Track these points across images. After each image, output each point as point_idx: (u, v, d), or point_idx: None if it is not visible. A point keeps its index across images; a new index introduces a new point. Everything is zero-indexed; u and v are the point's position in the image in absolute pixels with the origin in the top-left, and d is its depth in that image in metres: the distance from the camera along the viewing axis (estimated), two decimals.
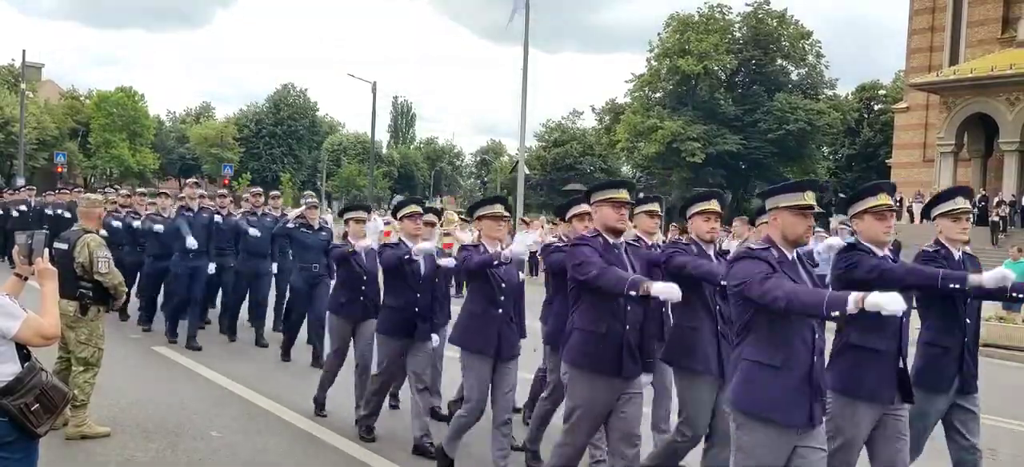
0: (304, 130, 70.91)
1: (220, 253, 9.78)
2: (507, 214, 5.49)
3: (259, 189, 11.01)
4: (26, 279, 3.37)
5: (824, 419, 3.54)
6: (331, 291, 7.25)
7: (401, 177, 67.94)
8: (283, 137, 69.14)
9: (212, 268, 9.60)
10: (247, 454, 5.63)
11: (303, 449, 5.82)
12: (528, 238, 5.65)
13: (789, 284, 3.30)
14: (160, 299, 10.35)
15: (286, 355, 8.97)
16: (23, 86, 48.09)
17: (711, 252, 4.93)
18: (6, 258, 14.17)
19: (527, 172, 33.60)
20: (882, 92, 53.85)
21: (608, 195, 4.36)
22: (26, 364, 3.07)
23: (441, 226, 8.30)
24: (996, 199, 29.71)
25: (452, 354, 5.80)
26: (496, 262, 5.02)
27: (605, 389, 4.19)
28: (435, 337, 6.04)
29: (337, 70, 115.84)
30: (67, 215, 13.93)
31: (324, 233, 8.86)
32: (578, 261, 4.13)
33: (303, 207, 9.17)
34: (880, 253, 3.98)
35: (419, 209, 6.06)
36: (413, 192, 69.88)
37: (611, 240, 4.30)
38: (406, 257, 5.69)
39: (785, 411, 3.35)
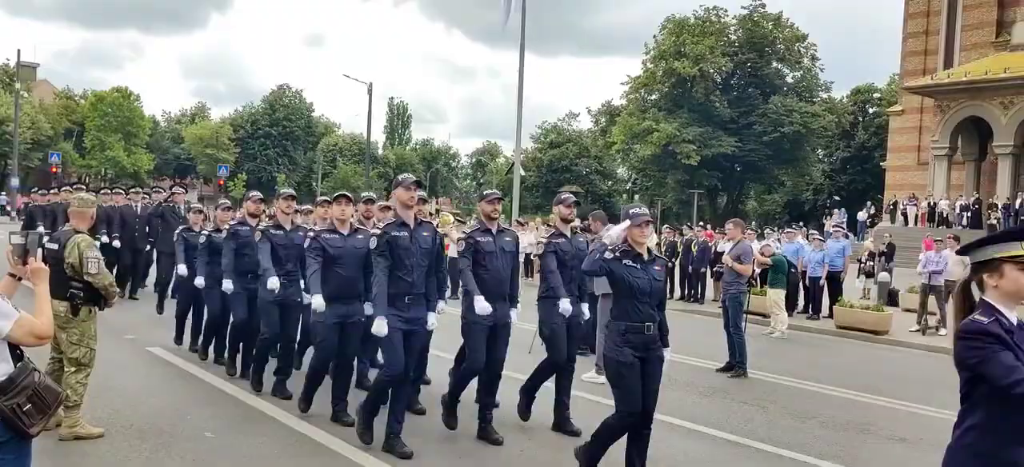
0: (300, 131, 70.91)
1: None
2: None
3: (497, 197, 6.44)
4: (20, 279, 3.36)
5: None
6: None
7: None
8: (279, 138, 69.14)
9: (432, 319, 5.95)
10: (241, 455, 5.62)
11: (298, 450, 5.80)
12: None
13: None
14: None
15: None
16: (18, 86, 48.04)
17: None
18: None
19: (523, 174, 33.61)
20: (877, 95, 54.03)
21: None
22: (19, 364, 3.06)
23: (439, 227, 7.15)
24: (989, 202, 29.82)
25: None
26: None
27: None
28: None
29: (333, 72, 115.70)
30: (116, 245, 13.16)
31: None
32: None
33: (627, 224, 5.00)
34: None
35: None
36: None
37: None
38: None
39: None
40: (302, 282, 7.01)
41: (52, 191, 17.09)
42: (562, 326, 6.29)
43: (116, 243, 13.12)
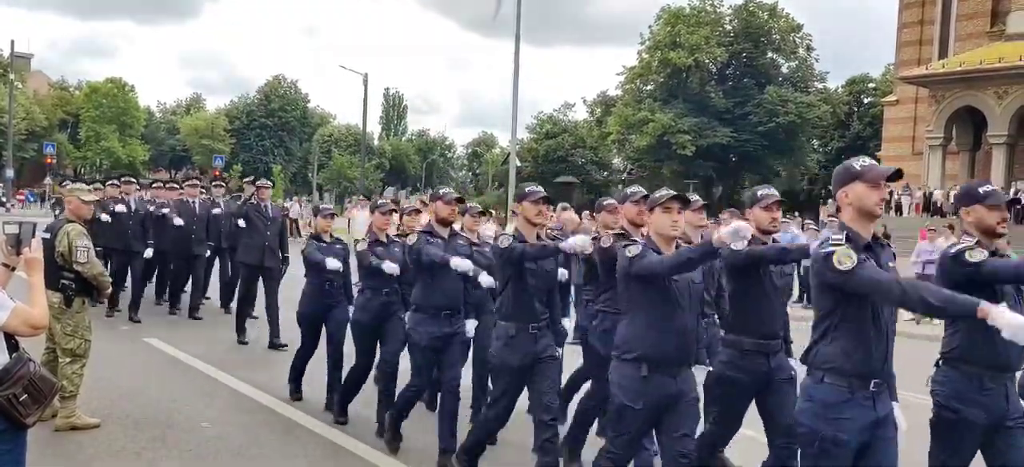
0: (295, 122, 70.77)
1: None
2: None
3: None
4: (13, 269, 3.36)
5: None
6: None
7: (393, 169, 67.86)
8: (274, 129, 69.02)
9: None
10: (237, 445, 5.63)
11: (294, 440, 5.81)
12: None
13: None
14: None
15: None
16: (12, 77, 47.84)
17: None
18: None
19: (518, 164, 33.58)
20: (872, 85, 54.02)
21: None
22: (14, 354, 3.07)
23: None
24: None
25: None
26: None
27: None
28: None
29: (328, 62, 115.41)
30: (179, 223, 10.63)
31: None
32: None
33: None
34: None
35: None
36: (405, 184, 69.85)
37: None
38: None
39: None
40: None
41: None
42: None
43: (178, 220, 10.55)
